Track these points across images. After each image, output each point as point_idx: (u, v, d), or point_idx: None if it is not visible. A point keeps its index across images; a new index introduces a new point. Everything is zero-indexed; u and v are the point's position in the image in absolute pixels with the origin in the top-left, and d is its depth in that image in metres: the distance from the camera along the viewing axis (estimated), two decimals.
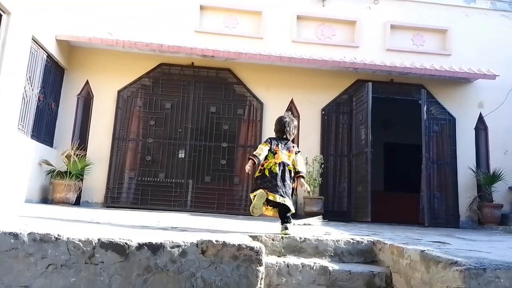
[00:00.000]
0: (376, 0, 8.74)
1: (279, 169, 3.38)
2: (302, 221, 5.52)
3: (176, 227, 3.33)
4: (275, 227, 3.53)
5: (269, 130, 8.04)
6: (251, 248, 2.23)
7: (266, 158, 3.46)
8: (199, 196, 7.76)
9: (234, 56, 7.74)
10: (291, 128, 3.63)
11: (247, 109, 8.21)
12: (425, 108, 7.87)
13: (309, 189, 3.57)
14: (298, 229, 4.59)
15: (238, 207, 7.79)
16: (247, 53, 7.71)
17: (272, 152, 3.47)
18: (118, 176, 7.62)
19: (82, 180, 7.31)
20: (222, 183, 7.87)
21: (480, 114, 8.37)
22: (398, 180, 10.56)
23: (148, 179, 7.71)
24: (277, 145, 3.51)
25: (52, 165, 7.12)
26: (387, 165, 11.24)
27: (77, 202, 7.27)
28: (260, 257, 2.23)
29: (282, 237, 2.99)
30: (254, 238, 2.80)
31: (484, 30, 8.74)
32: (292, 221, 3.40)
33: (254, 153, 3.46)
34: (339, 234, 3.80)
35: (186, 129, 7.95)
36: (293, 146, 3.59)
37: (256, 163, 3.44)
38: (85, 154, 7.50)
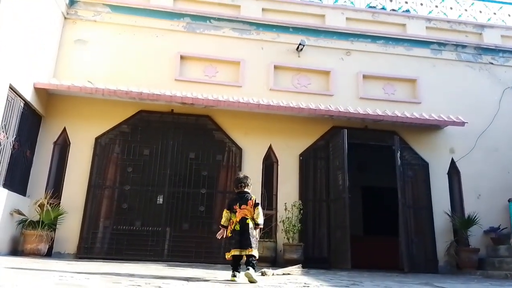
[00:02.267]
0: (349, 52, 9.21)
1: (240, 225, 4.08)
2: (281, 270, 5.43)
3: None
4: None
5: (248, 175, 8.08)
6: None
7: (231, 218, 4.19)
8: (177, 245, 7.58)
9: (213, 103, 7.91)
10: (247, 181, 4.33)
11: (226, 155, 8.27)
12: (398, 154, 8.11)
13: (257, 238, 4.23)
14: (277, 279, 4.53)
15: (217, 256, 7.60)
16: (226, 101, 7.89)
17: (233, 212, 4.17)
18: (92, 225, 7.41)
19: (54, 230, 7.07)
20: (201, 230, 7.74)
21: (452, 159, 8.67)
22: (377, 223, 10.62)
23: (124, 227, 7.52)
24: (236, 203, 4.19)
25: (24, 215, 6.89)
26: (366, 209, 11.35)
27: (49, 253, 6.98)
28: None
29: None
30: None
31: (451, 80, 9.26)
32: (254, 268, 3.90)
33: (222, 222, 4.25)
34: (318, 287, 3.76)
35: (165, 176, 7.90)
36: (250, 198, 4.22)
37: (226, 229, 4.20)
38: (59, 203, 7.30)
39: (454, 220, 8.12)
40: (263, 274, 4.89)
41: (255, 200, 4.22)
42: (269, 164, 8.40)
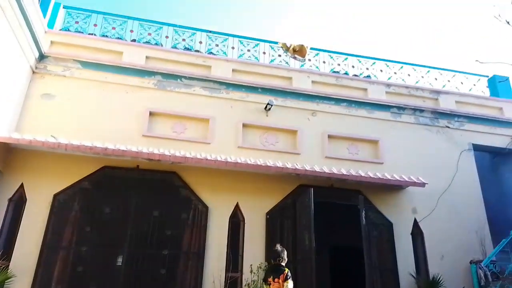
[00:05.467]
0: (314, 113, 9.57)
1: None
2: None
3: None
4: None
5: (214, 235, 7.92)
6: None
7: None
8: None
9: (180, 160, 7.85)
10: (284, 255, 5.02)
11: (191, 213, 8.08)
12: (363, 214, 8.19)
13: None
14: None
15: None
16: (193, 158, 7.86)
17: (267, 284, 4.84)
18: None
19: None
20: None
21: (415, 219, 8.84)
22: (345, 284, 10.43)
23: None
24: (270, 276, 4.85)
25: None
26: (334, 269, 11.17)
27: None
28: None
29: None
30: None
31: (411, 142, 9.70)
32: None
33: None
34: None
35: (125, 235, 7.57)
36: (283, 272, 4.88)
37: None
38: (8, 265, 6.77)
39: (419, 282, 8.11)
40: None
41: (287, 274, 4.86)
42: (236, 222, 8.26)
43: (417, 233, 8.76)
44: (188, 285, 7.46)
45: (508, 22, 5.46)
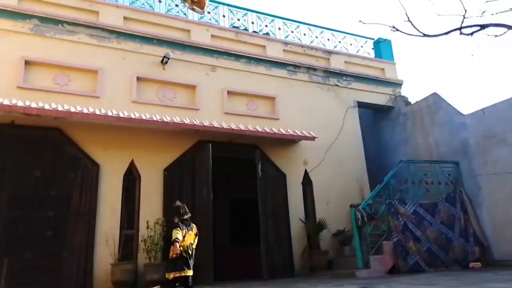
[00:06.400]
0: (214, 68, 9.44)
1: (190, 250, 4.91)
2: None
3: None
4: None
5: (107, 194, 7.54)
6: None
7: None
8: (18, 277, 6.52)
9: (64, 115, 7.16)
10: (187, 209, 5.12)
11: (80, 172, 7.53)
12: (259, 166, 8.57)
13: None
14: None
15: (68, 286, 6.81)
16: (80, 112, 7.23)
17: (183, 236, 4.83)
18: None
19: None
20: (48, 259, 6.83)
21: (305, 170, 9.54)
22: (244, 234, 10.98)
23: None
24: (185, 229, 4.90)
25: None
26: (233, 221, 11.65)
27: None
28: None
29: None
30: None
31: (304, 99, 10.24)
32: None
33: (176, 238, 4.74)
34: None
35: (1, 198, 6.78)
36: (193, 227, 5.10)
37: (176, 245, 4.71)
38: None
39: (307, 225, 8.90)
40: None
41: (196, 231, 5.12)
42: (131, 180, 7.97)
43: (307, 183, 9.50)
44: (79, 245, 7.08)
45: None
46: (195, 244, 5.06)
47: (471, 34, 4.27)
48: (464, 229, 8.56)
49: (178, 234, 4.74)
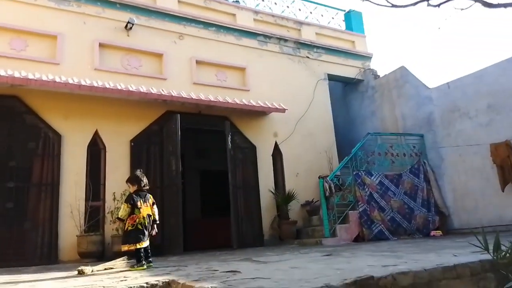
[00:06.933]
0: (182, 36, 9.10)
1: (147, 221, 4.83)
2: (102, 266, 4.99)
3: None
4: None
5: (70, 165, 7.26)
6: None
7: (133, 213, 4.76)
8: None
9: (21, 82, 6.73)
10: (146, 180, 5.02)
11: (41, 142, 7.18)
12: (229, 138, 8.49)
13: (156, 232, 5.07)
14: (96, 277, 4.14)
15: (32, 257, 6.61)
16: (38, 80, 6.81)
17: (138, 208, 4.77)
18: None
19: None
20: (9, 230, 6.58)
21: (276, 142, 9.55)
22: (214, 206, 11.01)
23: None
24: (139, 200, 4.81)
25: None
26: (204, 192, 11.62)
27: None
28: None
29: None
30: None
31: (275, 70, 10.11)
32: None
33: (120, 215, 4.80)
34: (136, 279, 3.57)
35: None
36: (150, 198, 5.00)
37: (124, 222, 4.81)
38: None
39: (277, 196, 8.99)
40: (80, 273, 4.42)
41: (153, 201, 5.05)
42: (96, 150, 7.70)
43: (277, 155, 9.54)
44: (42, 217, 6.84)
45: None
46: (155, 214, 5.01)
47: (438, 5, 4.27)
48: (427, 199, 8.93)
49: (124, 212, 4.78)
